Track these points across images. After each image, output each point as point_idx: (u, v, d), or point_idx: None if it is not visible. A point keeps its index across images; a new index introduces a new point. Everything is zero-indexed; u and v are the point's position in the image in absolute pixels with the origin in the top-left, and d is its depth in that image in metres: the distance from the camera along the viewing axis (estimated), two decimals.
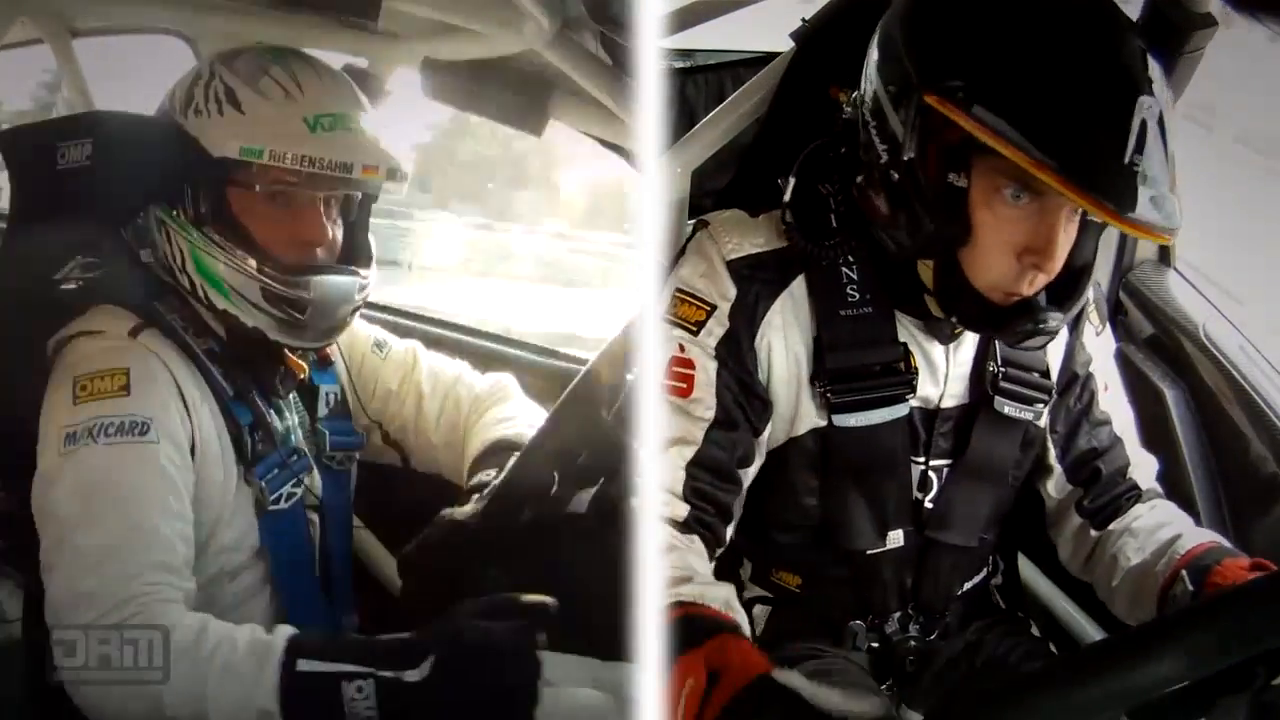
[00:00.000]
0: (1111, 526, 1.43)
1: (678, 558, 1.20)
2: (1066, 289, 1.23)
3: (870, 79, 1.24)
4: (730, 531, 1.33)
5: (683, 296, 1.31)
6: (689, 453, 1.27)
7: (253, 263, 1.39)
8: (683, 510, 1.25)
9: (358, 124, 1.43)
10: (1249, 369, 1.71)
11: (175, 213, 1.41)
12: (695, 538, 1.25)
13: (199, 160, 1.39)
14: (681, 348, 1.29)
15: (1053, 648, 1.54)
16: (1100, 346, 1.48)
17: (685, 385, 1.29)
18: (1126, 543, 1.40)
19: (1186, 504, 1.65)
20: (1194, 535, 1.38)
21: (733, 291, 1.29)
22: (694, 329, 1.30)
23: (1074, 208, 1.18)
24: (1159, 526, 1.40)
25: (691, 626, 1.08)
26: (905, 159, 1.18)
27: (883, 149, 1.21)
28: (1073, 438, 1.44)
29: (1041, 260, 1.18)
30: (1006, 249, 1.18)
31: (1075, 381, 1.45)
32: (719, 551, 1.31)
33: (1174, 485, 1.66)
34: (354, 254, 1.48)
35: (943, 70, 1.14)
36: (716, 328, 1.29)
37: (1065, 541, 1.48)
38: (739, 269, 1.30)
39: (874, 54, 1.25)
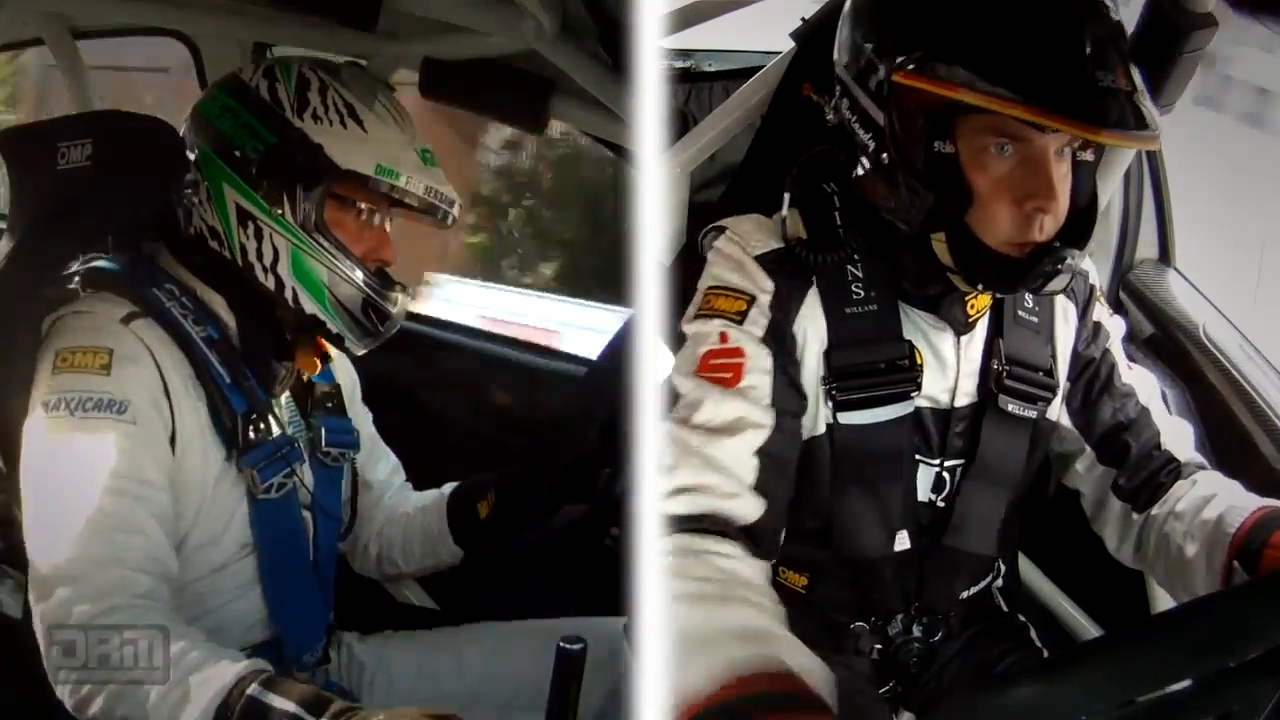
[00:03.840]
0: (1154, 511, 1.39)
1: (770, 597, 1.10)
2: (1077, 229, 1.24)
3: (842, 81, 1.27)
4: (780, 540, 1.27)
5: (719, 292, 1.28)
6: (757, 439, 1.21)
7: (360, 274, 1.43)
8: (754, 509, 1.18)
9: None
10: (1249, 369, 1.71)
11: (279, 212, 1.40)
12: (764, 564, 1.19)
13: (318, 166, 1.39)
14: (724, 336, 1.25)
15: (1045, 651, 1.53)
16: (1116, 330, 1.48)
17: (730, 375, 1.23)
18: (1173, 528, 1.35)
19: None
20: (1238, 510, 1.30)
21: (770, 284, 1.27)
22: (737, 319, 1.26)
23: (1060, 146, 1.19)
24: (1203, 504, 1.34)
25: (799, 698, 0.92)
26: (891, 141, 1.20)
27: (868, 139, 1.23)
28: (1095, 411, 1.43)
29: (1044, 202, 1.19)
30: (1008, 201, 1.19)
31: (1091, 363, 1.44)
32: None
33: None
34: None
35: (900, 46, 1.17)
36: (760, 317, 1.26)
37: (1111, 531, 1.44)
38: (769, 263, 1.28)
39: (837, 58, 1.28)
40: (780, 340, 1.27)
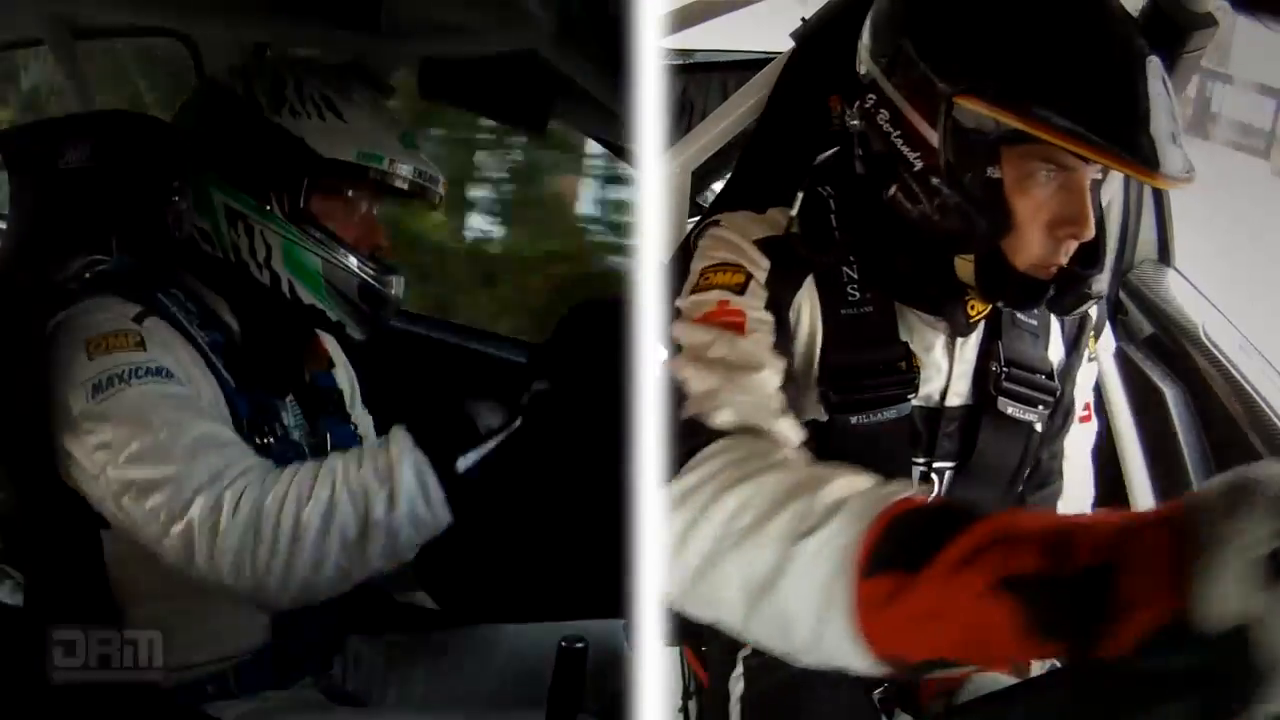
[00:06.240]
0: None
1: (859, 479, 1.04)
2: (1092, 250, 1.25)
3: (879, 88, 1.23)
4: None
5: (716, 269, 1.26)
6: (776, 379, 1.19)
7: (353, 260, 1.43)
8: (797, 435, 1.17)
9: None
10: (1248, 368, 1.72)
11: (268, 207, 1.41)
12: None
13: (301, 159, 1.40)
14: (724, 303, 1.23)
15: None
16: (1087, 378, 1.48)
17: (739, 323, 1.22)
18: None
19: None
20: None
21: (766, 262, 1.26)
22: (736, 289, 1.25)
23: (1093, 174, 1.20)
24: None
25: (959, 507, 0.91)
26: (945, 163, 1.18)
27: (914, 157, 1.21)
28: (1037, 453, 1.45)
29: (1078, 230, 1.19)
30: (1042, 227, 1.20)
31: (1060, 399, 1.44)
32: None
33: (1174, 484, 1.66)
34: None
35: (967, 70, 1.15)
36: (760, 290, 1.25)
37: None
38: (766, 246, 1.28)
39: (874, 65, 1.24)
40: (779, 319, 1.25)
